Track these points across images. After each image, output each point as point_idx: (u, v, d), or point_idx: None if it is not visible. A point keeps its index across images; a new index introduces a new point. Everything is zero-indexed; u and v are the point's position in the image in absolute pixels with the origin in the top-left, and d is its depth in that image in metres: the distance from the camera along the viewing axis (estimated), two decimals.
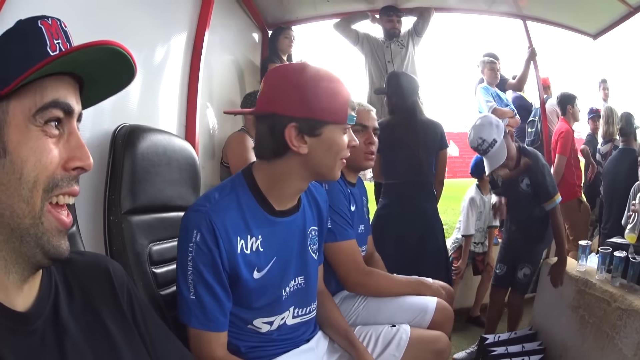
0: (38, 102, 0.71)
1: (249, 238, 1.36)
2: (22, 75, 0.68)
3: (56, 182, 0.73)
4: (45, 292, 0.78)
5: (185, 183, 1.81)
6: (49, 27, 0.74)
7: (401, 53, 4.29)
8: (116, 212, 1.50)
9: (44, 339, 0.73)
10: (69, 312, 0.80)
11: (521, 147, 2.98)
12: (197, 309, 1.30)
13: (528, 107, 5.61)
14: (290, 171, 1.40)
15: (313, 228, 1.59)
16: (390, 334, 1.75)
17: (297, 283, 1.51)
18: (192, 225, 1.29)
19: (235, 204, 1.36)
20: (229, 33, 3.60)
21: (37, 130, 0.71)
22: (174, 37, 2.52)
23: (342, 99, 1.38)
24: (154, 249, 1.56)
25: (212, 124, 3.21)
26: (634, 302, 2.30)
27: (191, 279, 1.29)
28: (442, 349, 1.79)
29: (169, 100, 2.44)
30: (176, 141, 1.79)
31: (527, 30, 4.77)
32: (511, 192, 3.08)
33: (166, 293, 1.54)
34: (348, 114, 1.39)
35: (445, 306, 1.98)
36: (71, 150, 0.75)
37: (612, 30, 4.54)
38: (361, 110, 2.08)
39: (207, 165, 3.03)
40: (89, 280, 0.88)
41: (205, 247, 1.28)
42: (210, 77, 3.10)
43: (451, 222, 6.65)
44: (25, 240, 0.71)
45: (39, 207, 0.71)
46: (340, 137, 1.39)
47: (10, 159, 0.69)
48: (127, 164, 1.53)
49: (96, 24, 1.70)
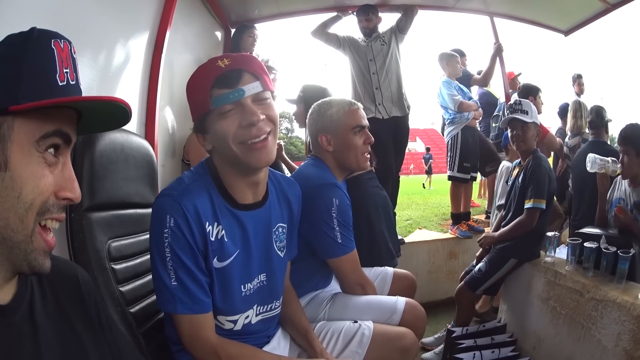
0: (42, 128, 0.74)
1: (216, 225, 1.35)
2: (30, 105, 0.71)
3: (48, 207, 0.76)
4: (22, 290, 0.81)
5: (143, 180, 1.81)
6: (60, 52, 0.76)
7: (383, 50, 4.30)
8: (77, 209, 1.49)
9: (20, 332, 0.77)
10: (42, 312, 0.83)
11: (537, 150, 3.07)
12: (182, 294, 1.29)
13: (495, 102, 5.74)
14: (223, 168, 1.41)
15: (280, 225, 1.58)
16: (352, 330, 1.72)
17: (260, 281, 1.50)
18: (165, 211, 1.28)
19: (204, 190, 1.36)
20: (191, 31, 3.59)
21: (38, 156, 0.74)
22: (135, 35, 2.51)
23: (204, 84, 1.31)
24: (112, 245, 1.56)
25: (172, 122, 3.20)
26: (610, 292, 2.30)
27: (170, 265, 1.28)
28: (407, 346, 1.72)
29: (129, 98, 2.42)
30: (134, 139, 1.80)
31: (493, 26, 4.85)
32: (512, 186, 3.15)
33: (125, 289, 1.54)
34: (211, 97, 1.29)
35: (416, 306, 1.96)
36: (64, 181, 0.79)
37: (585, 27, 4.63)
38: (356, 110, 2.07)
39: (167, 163, 3.03)
40: (59, 285, 0.90)
41: (180, 231, 1.27)
42: (172, 76, 3.09)
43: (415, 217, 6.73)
44: (15, 252, 0.74)
45: (32, 227, 0.75)
46: (221, 124, 1.31)
47: (11, 175, 0.71)
48: (87, 162, 1.52)
49: (57, 19, 1.70)
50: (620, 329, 2.17)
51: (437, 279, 4.42)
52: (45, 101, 0.72)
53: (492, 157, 5.16)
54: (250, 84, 1.31)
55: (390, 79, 4.30)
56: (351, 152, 2.04)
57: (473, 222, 4.91)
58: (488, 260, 3.07)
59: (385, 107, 4.26)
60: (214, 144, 1.38)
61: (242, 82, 1.31)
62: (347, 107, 2.07)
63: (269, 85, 1.36)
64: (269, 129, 1.34)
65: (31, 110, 0.72)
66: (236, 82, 1.30)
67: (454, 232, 4.70)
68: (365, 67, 4.33)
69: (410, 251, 4.24)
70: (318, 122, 2.09)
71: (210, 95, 1.30)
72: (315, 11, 4.54)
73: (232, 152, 1.33)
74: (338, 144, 2.04)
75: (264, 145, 1.33)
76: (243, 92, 1.30)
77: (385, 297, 2.06)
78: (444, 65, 4.87)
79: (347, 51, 4.45)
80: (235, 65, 1.32)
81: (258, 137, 1.31)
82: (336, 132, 2.04)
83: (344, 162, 2.06)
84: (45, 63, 0.75)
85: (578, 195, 4.14)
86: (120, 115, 0.85)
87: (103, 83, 2.11)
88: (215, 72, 1.31)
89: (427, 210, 7.58)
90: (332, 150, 2.06)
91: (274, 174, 1.63)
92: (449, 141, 4.86)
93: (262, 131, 1.32)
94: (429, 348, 3.32)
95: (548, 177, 2.91)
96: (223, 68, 1.31)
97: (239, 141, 1.32)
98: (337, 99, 2.14)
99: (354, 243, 1.98)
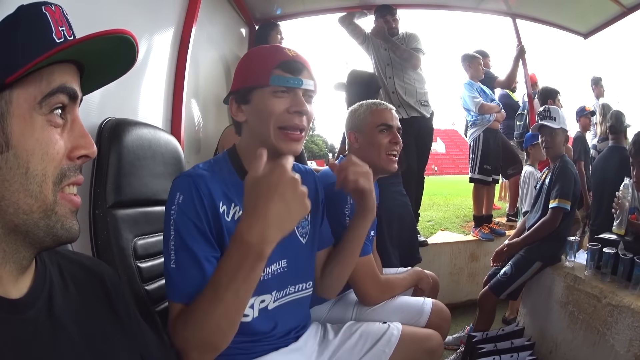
0: (44, 88, 0.69)
1: (232, 206, 1.33)
2: (31, 63, 0.66)
3: (64, 173, 0.72)
4: (39, 283, 0.76)
5: (170, 177, 1.78)
6: (52, 14, 0.72)
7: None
8: (101, 206, 1.49)
9: (36, 329, 0.70)
10: (64, 305, 0.78)
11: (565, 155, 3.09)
12: (179, 279, 1.22)
13: (514, 105, 5.69)
14: (247, 144, 1.41)
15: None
16: (381, 331, 1.71)
17: (281, 267, 1.46)
18: (175, 189, 1.27)
19: (218, 176, 1.34)
20: (216, 28, 3.59)
21: (42, 119, 0.69)
22: (161, 31, 2.51)
23: (267, 61, 1.36)
24: (138, 243, 1.55)
25: (198, 118, 3.19)
26: (625, 298, 2.30)
27: (172, 244, 1.23)
28: (434, 347, 1.74)
29: (155, 94, 2.44)
30: (161, 135, 1.79)
31: (516, 28, 4.83)
32: (540, 189, 3.16)
33: (151, 288, 1.53)
34: (272, 75, 1.34)
35: (442, 308, 1.97)
36: (75, 139, 0.74)
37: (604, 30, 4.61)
38: (383, 110, 2.06)
39: (192, 160, 3.00)
40: (83, 280, 0.86)
41: (188, 208, 1.23)
42: (197, 71, 3.09)
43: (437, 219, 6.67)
44: (33, 232, 0.70)
45: (51, 199, 0.70)
46: (269, 101, 1.34)
47: (14, 153, 0.66)
48: (113, 158, 1.52)
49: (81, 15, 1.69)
50: (633, 335, 2.19)
51: (458, 281, 4.38)
52: (39, 58, 0.66)
53: (514, 159, 5.12)
54: (308, 79, 1.37)
55: (407, 85, 4.26)
56: (374, 150, 2.01)
57: (495, 224, 4.85)
58: (514, 264, 3.05)
59: (405, 109, 4.23)
60: (251, 117, 1.39)
61: (303, 74, 1.37)
62: (374, 106, 2.07)
63: (317, 92, 1.43)
64: (305, 125, 1.39)
65: (29, 74, 0.67)
66: (299, 72, 1.36)
67: (475, 234, 4.64)
68: (383, 71, 4.32)
69: (432, 253, 4.20)
70: (350, 120, 2.12)
71: (272, 72, 1.34)
72: (340, 10, 4.52)
73: (268, 131, 1.35)
74: (364, 141, 2.04)
75: (298, 138, 1.38)
76: (301, 83, 1.35)
77: (412, 298, 2.05)
78: (467, 67, 4.84)
79: (370, 50, 4.44)
80: (300, 59, 1.39)
81: (297, 128, 1.36)
82: (363, 130, 2.05)
83: (367, 159, 2.01)
84: (39, 26, 0.70)
85: (597, 200, 4.10)
86: (126, 54, 0.80)
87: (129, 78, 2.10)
88: (283, 56, 1.37)
89: (448, 212, 7.51)
90: (358, 148, 2.05)
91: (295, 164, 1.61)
92: (471, 143, 4.84)
93: (302, 124, 1.37)
94: (447, 347, 3.29)
95: (574, 180, 2.93)
96: (290, 56, 1.37)
97: (279, 125, 1.34)
98: (370, 100, 2.14)
99: (369, 248, 1.94)
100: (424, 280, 2.17)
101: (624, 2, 4.07)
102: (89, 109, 1.69)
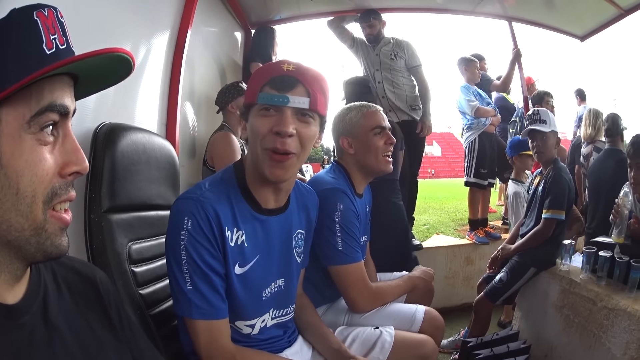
0: (34, 107, 0.67)
1: (235, 231, 1.33)
2: (19, 83, 0.64)
3: (55, 191, 0.70)
4: (34, 288, 0.76)
5: (165, 182, 1.80)
6: (44, 20, 0.69)
7: (391, 64, 4.29)
8: (96, 211, 1.49)
9: (32, 335, 0.70)
10: (59, 310, 0.78)
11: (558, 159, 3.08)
12: (198, 299, 1.26)
13: (510, 108, 5.71)
14: (249, 168, 1.40)
15: (300, 231, 1.57)
16: (374, 337, 1.72)
17: (278, 285, 1.48)
18: (183, 212, 1.26)
19: (224, 195, 1.34)
20: (211, 31, 3.60)
21: (31, 139, 0.67)
22: (156, 34, 2.51)
23: (260, 77, 1.32)
24: (133, 247, 1.55)
25: (193, 122, 3.19)
26: (621, 301, 2.30)
27: (186, 268, 1.25)
28: (427, 354, 1.75)
29: (150, 98, 2.44)
30: (156, 140, 1.79)
31: (512, 31, 4.85)
32: (533, 195, 3.15)
33: (145, 292, 1.53)
34: (260, 92, 1.30)
35: (435, 316, 1.97)
36: (67, 154, 0.72)
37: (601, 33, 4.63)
38: (375, 112, 2.05)
39: (186, 164, 3.01)
40: (77, 285, 0.86)
41: (197, 233, 1.25)
42: (192, 75, 3.09)
43: (432, 222, 6.67)
44: (25, 248, 0.69)
45: (41, 218, 0.69)
46: (256, 120, 1.31)
47: (5, 173, 0.65)
48: (108, 162, 1.52)
49: (76, 19, 1.69)
50: (629, 338, 2.19)
51: (453, 285, 4.39)
52: (27, 78, 0.64)
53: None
54: (298, 96, 1.29)
55: (397, 90, 4.28)
56: (371, 154, 2.01)
57: (490, 228, 4.86)
58: (509, 270, 3.04)
59: (395, 113, 4.25)
60: (248, 135, 1.37)
61: (292, 91, 1.29)
62: (365, 109, 2.06)
63: (320, 109, 1.34)
64: (294, 150, 1.31)
65: (18, 91, 0.64)
66: (286, 89, 1.29)
67: (471, 238, 4.65)
68: (372, 75, 4.33)
69: (427, 256, 4.19)
70: (339, 126, 2.09)
71: (261, 89, 1.30)
72: (335, 13, 4.51)
73: (256, 152, 1.32)
74: (358, 145, 2.03)
75: (281, 160, 1.30)
76: (287, 101, 1.28)
77: (404, 305, 2.04)
78: (463, 70, 4.86)
79: (359, 55, 4.46)
80: (295, 74, 1.31)
81: (280, 150, 1.29)
82: (356, 134, 2.03)
83: (365, 164, 2.03)
84: (28, 37, 0.67)
85: (593, 203, 4.10)
86: (122, 67, 0.77)
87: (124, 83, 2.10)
88: (275, 72, 1.31)
89: (444, 215, 7.50)
90: (354, 153, 2.04)
91: (296, 183, 1.61)
92: (467, 146, 4.85)
93: (286, 146, 1.28)
94: (442, 350, 3.30)
95: (568, 188, 2.92)
96: (283, 71, 1.30)
97: (264, 146, 1.30)
98: (357, 103, 2.13)
99: (360, 255, 1.93)
100: (419, 287, 2.16)
101: (621, 4, 4.07)
102: (84, 113, 1.69)
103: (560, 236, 2.99)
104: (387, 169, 2.05)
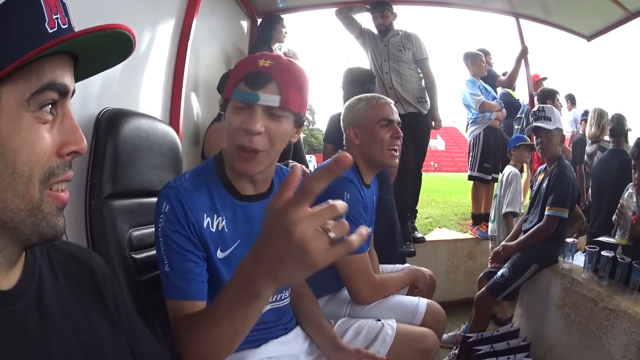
0: (34, 84, 0.65)
1: (215, 217, 1.35)
2: (21, 59, 0.62)
3: (52, 171, 0.68)
4: (28, 273, 0.74)
5: (167, 168, 1.79)
6: (47, 1, 0.67)
7: (399, 55, 4.25)
8: (97, 197, 1.48)
9: (26, 321, 0.69)
10: (54, 296, 0.77)
11: (562, 157, 3.07)
12: (174, 279, 1.27)
13: (515, 103, 5.69)
14: (228, 156, 1.41)
15: None
16: (375, 329, 1.72)
17: None
18: (162, 199, 1.30)
19: (204, 185, 1.36)
20: (217, 20, 3.57)
21: (29, 117, 0.65)
22: (161, 22, 2.49)
23: (238, 72, 1.33)
24: (134, 234, 1.54)
25: (197, 110, 3.19)
26: (622, 302, 2.29)
27: (163, 249, 1.28)
28: (429, 347, 1.75)
29: (154, 85, 2.42)
30: (159, 126, 1.78)
31: (519, 27, 4.82)
32: (537, 192, 3.14)
33: (146, 278, 1.53)
34: (235, 88, 1.30)
35: (437, 309, 1.96)
36: (65, 134, 0.70)
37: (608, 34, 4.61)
38: (384, 104, 2.03)
39: (190, 151, 3.01)
40: (72, 270, 0.85)
41: (173, 216, 1.27)
42: (197, 63, 3.07)
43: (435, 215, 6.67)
44: (20, 230, 0.67)
45: (38, 198, 0.67)
46: (229, 116, 1.33)
47: (2, 152, 0.63)
48: (110, 148, 1.51)
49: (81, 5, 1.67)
50: (629, 340, 2.18)
51: (455, 279, 4.39)
52: (29, 54, 0.62)
53: None
54: (269, 94, 1.28)
55: (404, 82, 4.25)
56: (376, 146, 2.00)
57: None
58: (511, 266, 3.04)
59: (402, 104, 4.21)
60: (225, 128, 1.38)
61: (263, 89, 1.28)
62: (374, 100, 2.05)
63: (293, 107, 1.32)
64: (262, 147, 1.31)
65: (19, 68, 0.63)
66: (258, 87, 1.28)
67: (473, 232, 4.65)
68: (380, 66, 4.29)
69: (429, 249, 4.21)
70: (348, 116, 2.09)
71: (236, 85, 1.30)
72: (343, 3, 4.47)
73: (230, 146, 1.35)
74: (364, 136, 2.02)
75: (249, 158, 1.32)
76: (257, 99, 1.27)
77: (406, 298, 2.03)
78: (469, 65, 4.84)
79: (367, 45, 4.42)
80: (270, 71, 1.29)
81: (247, 148, 1.30)
82: (363, 125, 2.02)
83: (369, 155, 2.02)
84: (30, 15, 0.65)
85: (597, 203, 4.09)
86: (123, 46, 0.75)
87: (128, 69, 2.09)
88: (250, 67, 1.31)
89: (446, 209, 7.52)
90: (359, 144, 2.04)
91: (280, 168, 1.61)
92: (471, 141, 4.85)
93: (254, 144, 1.29)
94: (442, 345, 3.26)
95: (572, 186, 2.91)
96: (258, 67, 1.29)
97: (234, 142, 1.32)
98: (368, 94, 2.11)
99: (365, 245, 1.93)
100: (421, 280, 2.15)
101: (628, 7, 4.07)
102: (88, 99, 1.68)
103: (562, 234, 2.99)
104: (392, 162, 2.04)
